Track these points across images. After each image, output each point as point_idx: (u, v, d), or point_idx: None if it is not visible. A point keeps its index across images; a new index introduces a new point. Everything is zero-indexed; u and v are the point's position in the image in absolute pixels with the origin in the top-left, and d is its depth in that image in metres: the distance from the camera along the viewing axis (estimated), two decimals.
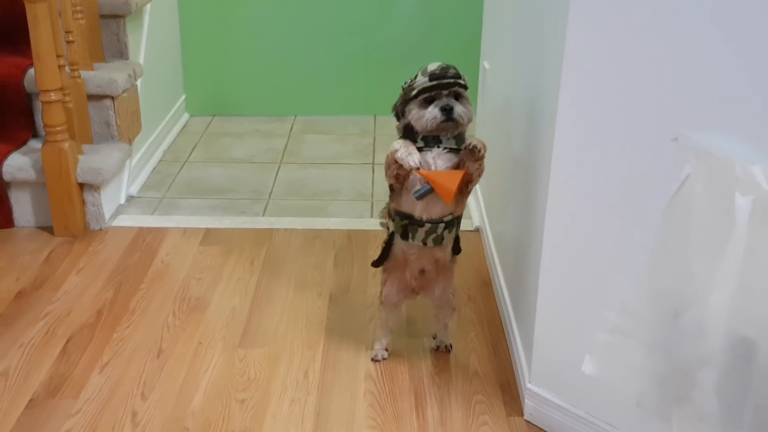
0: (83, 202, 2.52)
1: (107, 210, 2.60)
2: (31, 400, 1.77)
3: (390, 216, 1.75)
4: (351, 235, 2.57)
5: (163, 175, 3.05)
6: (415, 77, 1.63)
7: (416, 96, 1.60)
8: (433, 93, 1.59)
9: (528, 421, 1.72)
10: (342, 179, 3.04)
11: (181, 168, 3.13)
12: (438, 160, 1.61)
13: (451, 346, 1.95)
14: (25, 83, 2.56)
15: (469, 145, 1.58)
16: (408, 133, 1.65)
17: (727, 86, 1.23)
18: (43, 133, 2.51)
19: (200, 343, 2.00)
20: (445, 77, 1.59)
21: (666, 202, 1.29)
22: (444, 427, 1.70)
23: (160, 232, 2.57)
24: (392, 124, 1.71)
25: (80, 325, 2.06)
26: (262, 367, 1.90)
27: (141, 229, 2.59)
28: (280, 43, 3.62)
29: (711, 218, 1.24)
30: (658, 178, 1.30)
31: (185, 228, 2.61)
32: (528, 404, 1.71)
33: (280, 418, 1.73)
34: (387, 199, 1.77)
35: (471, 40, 2.72)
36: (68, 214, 2.48)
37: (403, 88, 1.66)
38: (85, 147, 2.56)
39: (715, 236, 1.23)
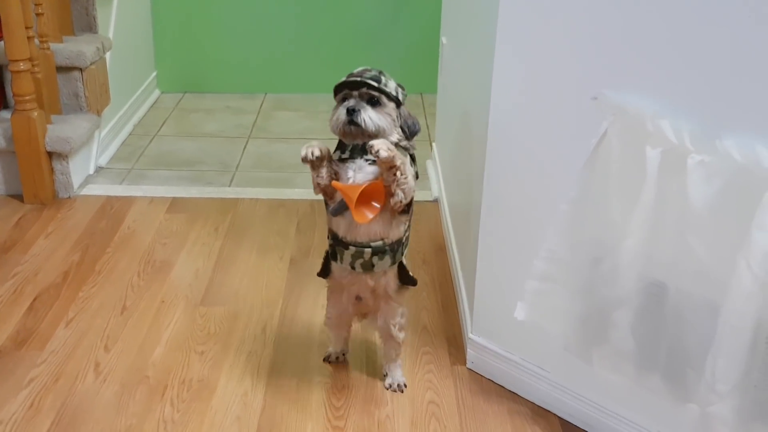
0: (52, 170, 2.58)
1: (76, 179, 2.68)
2: None
3: (328, 231, 1.60)
4: (314, 205, 2.66)
5: (132, 148, 3.12)
6: None
7: (335, 95, 1.49)
8: (342, 93, 1.47)
9: (470, 369, 1.83)
10: None
11: (151, 141, 3.20)
12: (359, 173, 1.45)
13: (405, 385, 1.74)
14: None
15: (369, 145, 1.39)
16: (341, 143, 1.51)
17: (642, 48, 1.33)
18: (12, 104, 2.58)
19: (163, 301, 2.08)
20: (359, 76, 1.45)
21: (586, 157, 1.39)
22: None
23: (127, 201, 2.65)
24: None
25: (47, 284, 2.14)
26: (222, 324, 2.00)
27: (109, 197, 2.66)
28: (251, 21, 3.69)
29: (625, 170, 1.35)
30: (580, 135, 1.40)
31: (152, 197, 2.68)
32: (470, 353, 1.82)
33: (237, 368, 1.83)
34: None
35: (436, 18, 2.81)
36: (37, 182, 2.55)
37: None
38: (54, 117, 2.63)
39: (629, 187, 1.34)
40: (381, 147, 1.37)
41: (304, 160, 1.45)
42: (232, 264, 2.28)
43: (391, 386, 1.74)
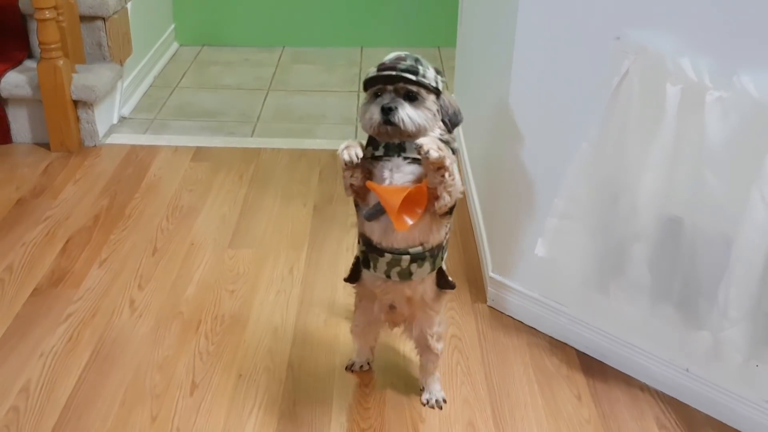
0: (78, 119, 2.64)
1: (101, 128, 2.73)
2: (35, 289, 1.93)
3: (357, 236, 1.44)
4: (336, 155, 2.71)
5: (153, 99, 3.17)
6: None
7: (366, 89, 1.32)
8: (377, 87, 1.29)
9: (490, 306, 1.90)
10: (328, 105, 3.17)
11: (172, 93, 3.25)
12: (396, 173, 1.29)
13: (444, 401, 1.59)
14: (21, 5, 2.66)
15: (416, 144, 1.22)
16: (373, 139, 1.33)
17: None
18: (37, 54, 2.63)
19: (192, 244, 2.16)
20: (392, 68, 1.26)
21: (608, 96, 1.44)
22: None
23: (152, 150, 2.71)
24: (380, 57, 1.37)
25: (79, 227, 2.21)
26: (250, 265, 2.07)
27: (134, 146, 2.72)
28: None
29: (645, 108, 1.39)
30: (602, 74, 1.44)
31: (176, 146, 2.74)
32: (490, 291, 1.89)
33: (267, 305, 1.91)
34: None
35: None
36: (64, 130, 2.61)
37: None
38: (78, 67, 2.67)
39: (649, 124, 1.39)
40: (431, 147, 1.21)
41: (348, 164, 1.27)
42: (257, 210, 2.35)
43: (428, 402, 1.58)
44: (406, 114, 1.26)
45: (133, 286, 1.97)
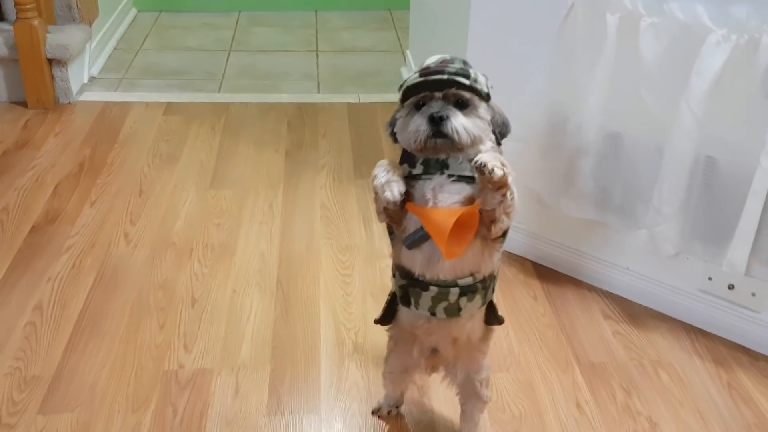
0: (52, 77, 2.74)
1: (74, 86, 2.84)
2: (33, 227, 2.06)
3: (393, 269, 1.25)
4: (301, 108, 2.88)
5: (119, 60, 3.27)
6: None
7: (404, 99, 1.13)
8: (421, 95, 1.10)
9: None
10: (290, 64, 3.33)
11: (136, 55, 3.35)
12: (440, 193, 1.10)
13: None
14: None
15: (476, 161, 1.04)
16: (406, 155, 1.15)
17: None
18: (9, 16, 2.71)
19: (176, 186, 2.31)
20: (441, 72, 1.08)
21: (557, 29, 1.66)
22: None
23: (124, 105, 2.83)
24: (334, 20, 1.36)
25: (66, 174, 2.34)
26: (232, 202, 2.24)
27: (107, 102, 2.84)
28: None
29: (589, 37, 1.62)
30: (551, 14, 1.66)
31: (148, 102, 2.87)
32: None
33: (252, 235, 2.08)
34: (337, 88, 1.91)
35: None
36: (40, 88, 2.71)
37: (398, 89, 1.15)
38: (50, 27, 2.76)
39: (593, 51, 1.61)
40: (495, 164, 1.03)
41: (392, 203, 1.09)
42: (233, 156, 2.51)
43: None
44: (461, 124, 1.07)
45: (125, 221, 2.11)
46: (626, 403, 1.54)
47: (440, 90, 1.08)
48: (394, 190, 1.08)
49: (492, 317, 1.27)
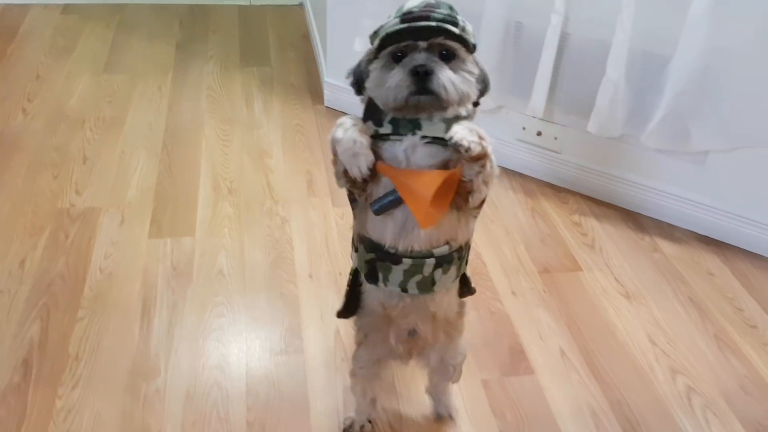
0: None
1: None
2: None
3: (353, 242, 1.10)
4: (194, 8, 3.07)
5: None
6: (389, 18, 0.98)
7: (379, 49, 0.96)
8: (402, 45, 0.93)
9: (327, 107, 2.39)
10: None
11: None
12: (414, 155, 0.96)
13: (453, 412, 1.35)
14: None
15: (450, 138, 0.91)
16: (371, 111, 0.99)
17: None
18: None
19: (70, 72, 2.49)
20: (426, 18, 0.92)
21: None
22: (267, 114, 2.34)
23: (24, 7, 2.95)
24: None
25: None
26: (123, 84, 2.44)
27: (7, 5, 2.96)
28: None
29: None
30: None
31: (46, 4, 3.00)
32: (327, 94, 2.38)
33: (141, 109, 2.30)
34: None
35: None
36: None
37: (369, 37, 1.00)
38: None
39: None
40: (472, 140, 0.90)
41: (359, 179, 0.96)
42: (126, 48, 2.69)
43: (440, 415, 1.34)
44: (448, 78, 0.92)
45: (23, 100, 2.30)
46: None
47: (424, 39, 0.91)
48: (362, 164, 0.93)
49: (465, 289, 1.14)
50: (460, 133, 0.90)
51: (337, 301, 1.50)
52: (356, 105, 1.03)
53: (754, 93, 1.63)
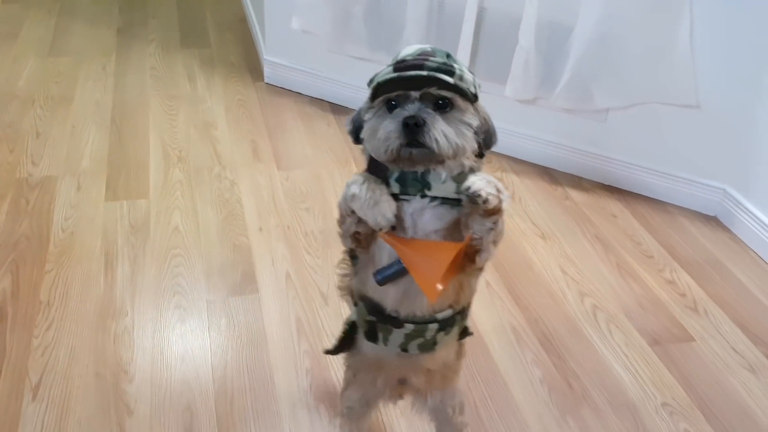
0: None
1: None
2: None
3: (351, 294, 1.07)
4: None
5: None
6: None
7: (374, 97, 0.91)
8: (393, 94, 0.89)
9: (267, 83, 2.54)
10: None
11: None
12: (421, 218, 0.92)
13: None
14: None
15: (467, 189, 0.87)
16: (375, 165, 0.94)
17: None
18: None
19: (16, 56, 2.58)
20: (419, 68, 0.88)
21: None
22: (210, 91, 2.48)
23: None
24: None
25: None
26: (69, 66, 2.54)
27: None
28: None
29: None
30: None
31: None
32: (267, 71, 2.53)
33: (87, 89, 2.41)
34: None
35: None
36: None
37: (367, 85, 0.94)
38: None
39: None
40: (490, 193, 0.86)
41: (386, 227, 0.90)
42: (68, 32, 2.79)
43: None
44: (441, 131, 0.87)
45: None
46: None
47: (418, 89, 0.87)
48: (387, 211, 0.89)
49: (463, 333, 1.09)
50: (477, 183, 0.86)
51: (287, 251, 1.69)
52: (296, 81, 1.04)
53: (646, 56, 1.87)
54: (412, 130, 0.86)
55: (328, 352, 1.13)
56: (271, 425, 1.32)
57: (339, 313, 1.58)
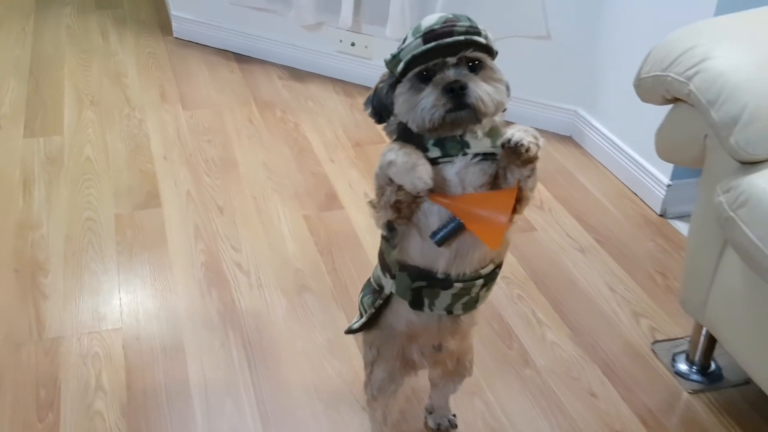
0: None
1: None
2: None
3: (386, 268, 1.06)
4: None
5: None
6: (404, 40, 0.94)
7: (405, 72, 0.92)
8: (430, 64, 0.91)
9: (176, 38, 2.75)
10: None
11: None
12: (467, 175, 0.94)
13: (455, 419, 1.35)
14: None
15: (509, 140, 0.90)
16: (406, 133, 0.96)
17: None
18: None
19: None
20: (450, 34, 0.90)
21: None
22: (122, 45, 2.68)
23: None
24: None
25: None
26: None
27: None
28: None
29: None
30: None
31: None
32: (175, 26, 2.74)
33: (7, 47, 2.60)
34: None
35: None
36: None
37: (386, 63, 0.96)
38: None
39: None
40: (531, 141, 0.90)
41: (425, 191, 0.91)
42: None
43: (440, 426, 1.34)
44: (484, 90, 0.90)
45: None
46: (282, 117, 2.30)
47: (453, 55, 0.90)
48: (424, 174, 0.89)
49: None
50: (517, 134, 0.89)
51: (189, 174, 1.91)
52: (202, 34, 1.24)
53: None
54: (457, 94, 0.88)
55: (351, 331, 1.15)
56: (170, 301, 1.57)
57: (233, 221, 1.82)
